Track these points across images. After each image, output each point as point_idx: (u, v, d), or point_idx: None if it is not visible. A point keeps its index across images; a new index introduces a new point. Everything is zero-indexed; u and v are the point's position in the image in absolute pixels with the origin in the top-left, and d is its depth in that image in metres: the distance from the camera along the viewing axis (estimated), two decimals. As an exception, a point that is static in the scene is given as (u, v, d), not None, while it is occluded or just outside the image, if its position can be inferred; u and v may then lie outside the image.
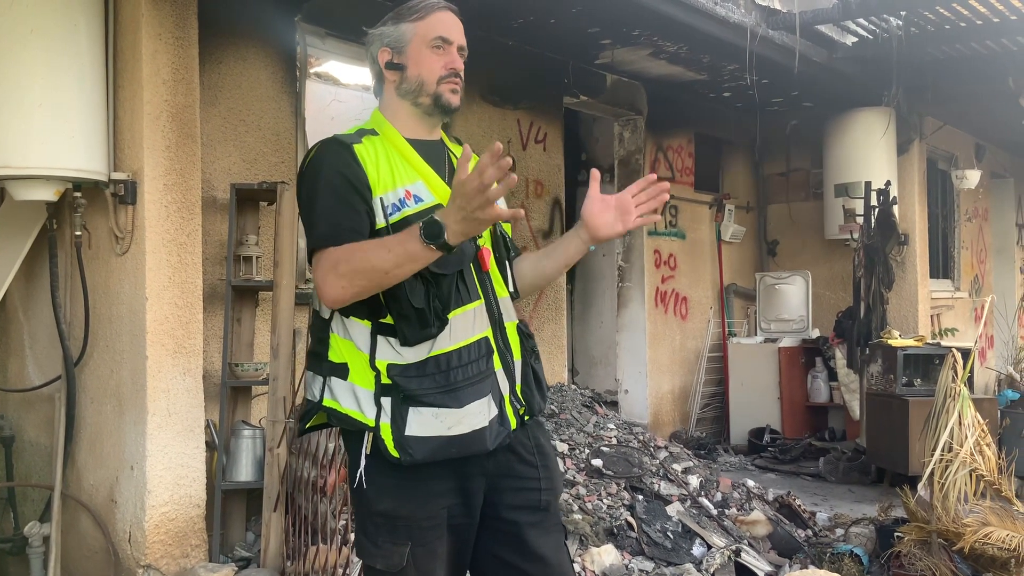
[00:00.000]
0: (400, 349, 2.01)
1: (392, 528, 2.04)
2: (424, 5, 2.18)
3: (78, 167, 3.75)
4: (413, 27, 2.15)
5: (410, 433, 1.98)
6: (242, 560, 4.19)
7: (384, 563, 2.05)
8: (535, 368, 2.21)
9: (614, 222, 2.17)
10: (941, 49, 6.75)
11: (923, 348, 6.37)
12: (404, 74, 2.15)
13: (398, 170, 2.08)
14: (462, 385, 2.02)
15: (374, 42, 2.21)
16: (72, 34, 3.73)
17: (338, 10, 5.12)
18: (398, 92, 2.17)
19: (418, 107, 2.16)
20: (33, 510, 4.36)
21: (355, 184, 2.02)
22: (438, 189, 2.09)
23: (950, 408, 4.09)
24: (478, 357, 2.06)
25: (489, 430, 2.05)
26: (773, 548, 4.71)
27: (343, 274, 1.93)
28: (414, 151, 2.12)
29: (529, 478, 2.17)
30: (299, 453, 4.06)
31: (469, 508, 2.11)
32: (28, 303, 4.42)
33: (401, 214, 2.03)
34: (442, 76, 2.14)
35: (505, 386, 2.11)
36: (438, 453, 2.00)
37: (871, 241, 7.02)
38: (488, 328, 2.10)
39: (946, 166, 9.64)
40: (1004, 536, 3.83)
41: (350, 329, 2.06)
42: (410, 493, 2.04)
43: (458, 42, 2.19)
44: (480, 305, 2.09)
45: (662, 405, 7.71)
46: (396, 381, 2.00)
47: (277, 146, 4.85)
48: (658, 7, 5.33)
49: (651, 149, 7.66)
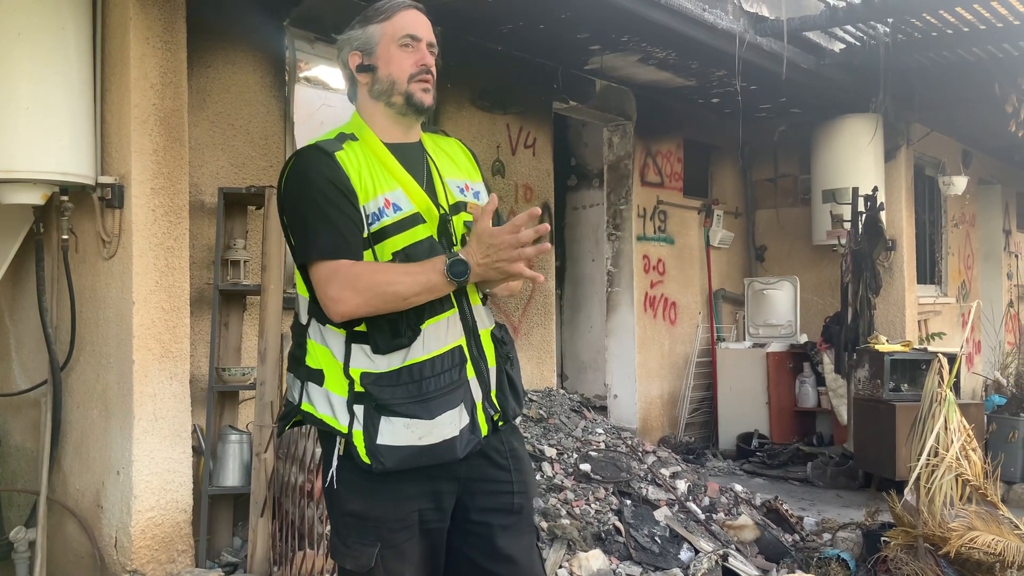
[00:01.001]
0: (373, 357, 2.03)
1: (362, 528, 2.06)
2: (389, 6, 2.18)
3: (65, 171, 3.74)
4: (380, 28, 2.16)
5: (381, 442, 2.00)
6: (229, 565, 4.18)
7: (353, 563, 2.07)
8: (510, 374, 2.22)
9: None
10: (928, 56, 6.79)
11: (910, 353, 6.40)
12: (375, 75, 2.15)
13: (378, 177, 2.08)
14: (434, 396, 2.04)
15: (344, 47, 2.22)
16: (60, 37, 3.72)
17: (327, 15, 5.12)
18: (371, 94, 2.17)
19: (391, 107, 2.16)
20: (19, 515, 4.33)
21: (346, 193, 2.02)
22: (416, 196, 2.09)
23: (936, 413, 4.11)
24: (451, 367, 2.07)
25: (459, 439, 2.07)
26: (760, 553, 4.72)
27: (361, 291, 1.96)
28: (392, 157, 2.12)
29: (502, 481, 2.18)
30: (286, 458, 4.05)
31: (441, 511, 2.13)
32: (14, 307, 4.40)
33: (380, 224, 2.03)
34: (413, 74, 2.14)
35: (478, 393, 2.13)
36: (409, 462, 2.02)
37: (858, 247, 7.05)
38: (462, 336, 2.11)
39: (933, 172, 9.69)
40: (990, 540, 3.85)
41: (326, 336, 2.07)
42: (380, 495, 2.05)
43: (427, 39, 2.18)
44: (454, 314, 2.10)
45: (651, 410, 7.72)
46: (369, 390, 2.01)
47: (265, 150, 4.85)
48: (647, 13, 5.35)
49: (640, 154, 7.68)
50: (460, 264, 1.94)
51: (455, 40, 5.78)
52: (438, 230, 2.10)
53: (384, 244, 2.03)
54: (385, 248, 2.04)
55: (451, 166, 2.24)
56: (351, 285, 1.96)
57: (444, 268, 1.93)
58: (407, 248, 2.03)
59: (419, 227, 2.07)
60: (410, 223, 2.06)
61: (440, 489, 2.11)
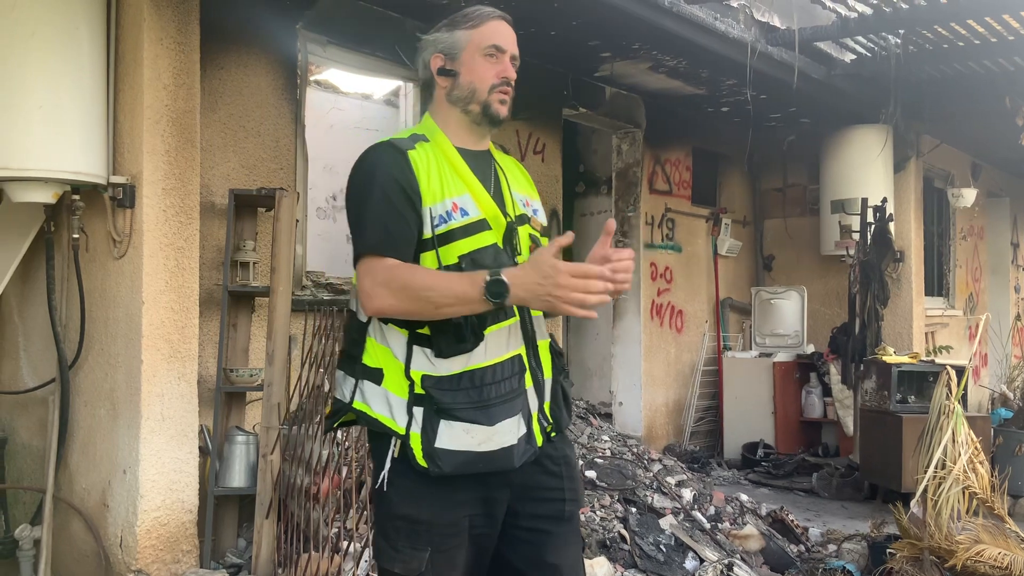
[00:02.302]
0: (435, 360, 2.02)
1: (413, 533, 2.05)
2: (479, 14, 2.19)
3: (77, 170, 3.75)
4: (467, 34, 2.16)
5: (440, 445, 1.99)
6: (233, 567, 4.18)
7: (403, 567, 2.05)
8: (563, 386, 2.23)
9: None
10: (939, 68, 6.78)
11: (917, 365, 6.38)
12: (456, 81, 2.16)
13: (447, 181, 2.08)
14: (495, 402, 2.03)
15: (427, 48, 2.21)
16: (73, 37, 3.74)
17: (339, 18, 5.13)
18: (448, 99, 2.17)
19: (467, 115, 2.17)
20: (24, 513, 4.34)
21: (408, 192, 2.02)
22: (484, 203, 2.10)
23: (944, 425, 4.10)
24: (511, 375, 2.07)
25: (517, 448, 2.06)
26: (766, 563, 4.71)
27: (395, 291, 1.95)
28: (463, 162, 2.13)
29: (554, 488, 2.18)
30: (292, 460, 4.06)
31: (491, 518, 2.12)
32: (24, 305, 4.41)
33: (447, 227, 2.03)
34: (494, 84, 2.15)
35: (534, 404, 2.13)
36: (466, 467, 2.01)
37: (867, 258, 7.04)
38: (522, 346, 2.11)
39: (942, 184, 9.68)
40: (996, 554, 3.83)
41: (388, 336, 2.06)
42: (433, 500, 2.04)
43: (511, 51, 2.20)
44: (515, 323, 2.10)
45: (656, 418, 7.71)
46: (430, 393, 2.00)
47: (276, 153, 4.86)
48: (658, 21, 5.35)
49: (649, 162, 7.68)
50: (499, 285, 1.90)
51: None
52: (503, 238, 2.10)
53: (450, 247, 2.03)
54: (451, 251, 2.03)
55: (515, 179, 2.27)
56: (386, 283, 1.96)
57: (483, 285, 1.90)
58: (472, 253, 2.03)
59: (485, 233, 2.07)
60: (476, 228, 2.06)
61: (493, 496, 2.10)
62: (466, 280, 1.94)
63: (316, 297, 4.94)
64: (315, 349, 4.09)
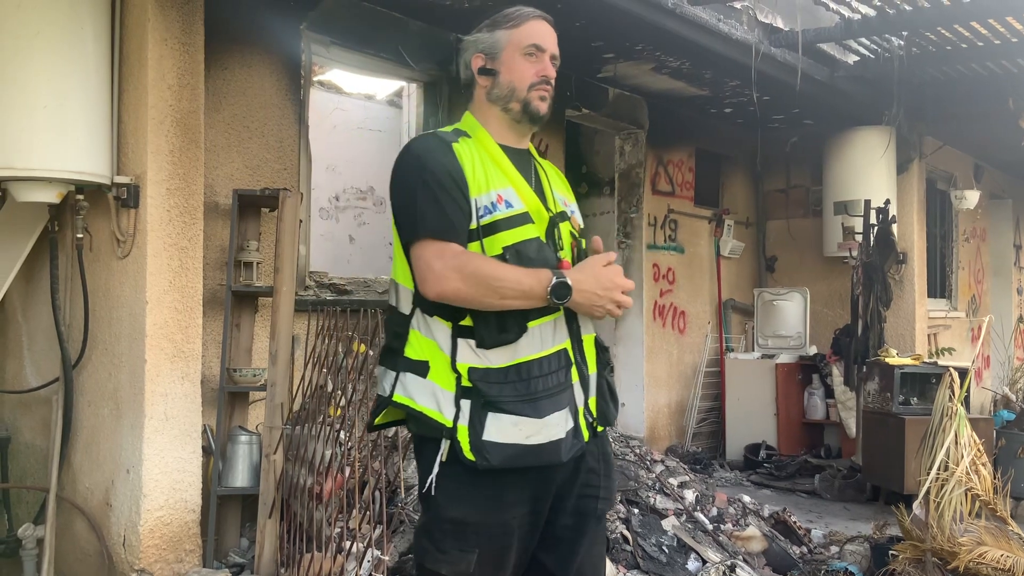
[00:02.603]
0: (479, 352, 2.03)
1: (461, 534, 2.05)
2: (519, 14, 2.22)
3: (81, 170, 3.76)
4: (508, 34, 2.20)
5: (488, 438, 2.00)
6: (236, 566, 4.19)
7: (450, 569, 2.05)
8: (609, 381, 2.25)
9: None
10: (942, 70, 6.78)
11: (920, 367, 6.38)
12: (496, 79, 2.19)
13: (491, 173, 2.11)
14: (543, 395, 2.05)
15: (468, 48, 2.25)
16: (78, 37, 3.74)
17: (343, 19, 5.14)
18: (489, 97, 2.21)
19: (507, 112, 2.20)
20: (28, 512, 4.35)
21: (458, 182, 2.05)
22: (527, 196, 2.13)
23: (946, 427, 4.10)
24: (558, 368, 2.09)
25: (565, 442, 2.07)
26: (768, 564, 4.71)
27: (466, 276, 1.97)
28: (505, 156, 2.16)
29: (593, 486, 2.20)
30: (295, 460, 4.06)
31: (537, 516, 2.13)
32: (28, 304, 4.42)
33: (492, 217, 2.06)
34: (533, 83, 2.19)
35: (580, 398, 2.14)
36: (514, 461, 2.02)
37: (870, 259, 7.04)
38: (567, 340, 2.13)
39: (945, 186, 9.67)
40: (999, 556, 3.83)
41: (432, 328, 2.07)
42: (483, 501, 2.05)
43: (551, 50, 2.23)
44: (560, 317, 2.11)
45: (659, 419, 7.71)
46: (477, 385, 2.01)
47: (280, 153, 4.87)
48: (662, 23, 5.36)
49: (652, 163, 7.68)
50: (565, 287, 1.99)
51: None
52: (546, 232, 2.13)
53: (494, 238, 2.05)
54: (495, 242, 2.05)
55: (554, 180, 2.31)
56: (458, 267, 1.98)
57: (548, 285, 1.98)
58: (517, 245, 2.06)
59: (528, 226, 2.10)
60: (520, 221, 2.09)
61: (539, 495, 2.11)
62: (532, 277, 1.99)
63: (319, 297, 4.94)
64: (318, 349, 4.10)
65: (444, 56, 5.67)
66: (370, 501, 3.54)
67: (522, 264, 2.02)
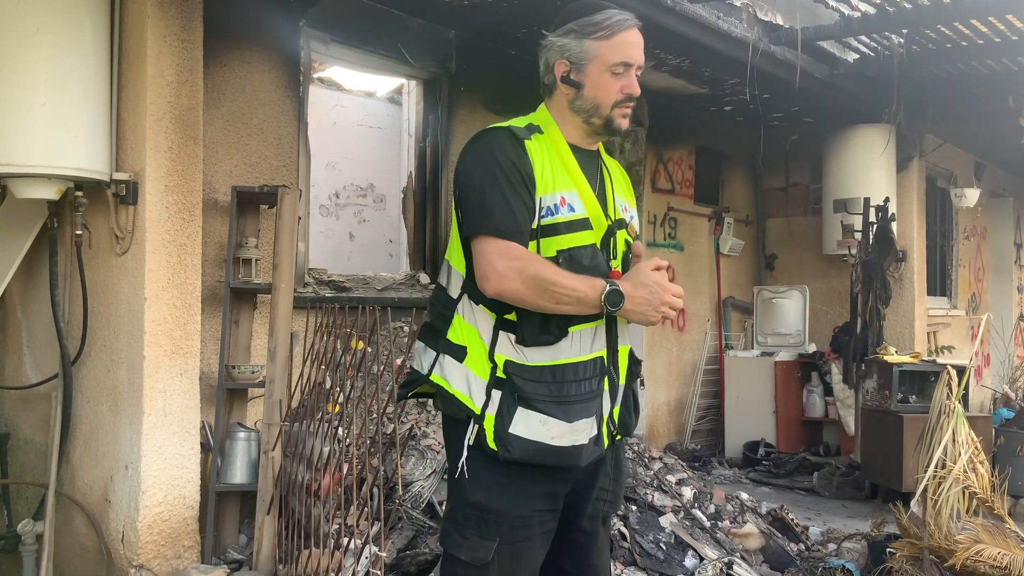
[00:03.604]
0: (518, 348, 2.05)
1: (483, 521, 2.08)
2: (611, 23, 2.14)
3: (80, 166, 3.76)
4: (597, 46, 2.13)
5: (513, 431, 2.03)
6: (234, 563, 4.19)
7: (469, 555, 2.08)
8: (635, 392, 2.27)
9: None
10: (942, 67, 6.77)
11: (919, 365, 6.38)
12: (580, 93, 2.15)
13: (558, 174, 2.11)
14: (574, 400, 2.07)
15: (552, 51, 2.19)
16: (77, 34, 3.74)
17: (342, 16, 5.14)
18: (571, 107, 2.18)
19: (588, 125, 2.18)
20: (27, 508, 4.35)
21: (526, 180, 2.05)
22: (589, 202, 2.12)
23: (944, 425, 4.10)
24: (592, 375, 2.11)
25: (586, 448, 2.10)
26: (765, 561, 4.71)
27: (526, 280, 1.99)
28: (574, 159, 2.15)
29: (605, 490, 2.23)
30: (294, 456, 4.07)
31: (555, 513, 2.15)
32: (27, 301, 4.43)
33: (553, 219, 2.07)
34: (618, 100, 2.15)
35: (606, 407, 2.16)
36: (535, 457, 2.04)
37: (869, 257, 7.04)
38: (604, 348, 2.14)
39: (945, 184, 9.67)
40: (996, 554, 3.83)
41: (477, 316, 2.09)
42: (505, 490, 2.07)
43: (638, 62, 2.18)
44: (601, 325, 2.13)
45: (658, 416, 7.71)
46: (512, 378, 2.04)
47: (279, 150, 4.87)
48: (661, 20, 5.35)
49: (651, 161, 7.68)
50: (618, 295, 2.01)
51: (469, 44, 5.80)
52: (602, 240, 2.13)
53: (551, 240, 2.06)
54: (552, 244, 2.06)
55: (618, 184, 2.29)
56: (520, 269, 1.99)
57: (603, 292, 2.00)
58: (572, 249, 2.07)
59: (586, 232, 2.10)
60: (580, 226, 2.09)
61: (558, 492, 2.14)
62: (588, 284, 2.01)
63: (318, 294, 4.95)
64: (317, 346, 4.10)
65: (444, 53, 5.67)
66: (368, 498, 3.54)
67: (574, 269, 2.04)
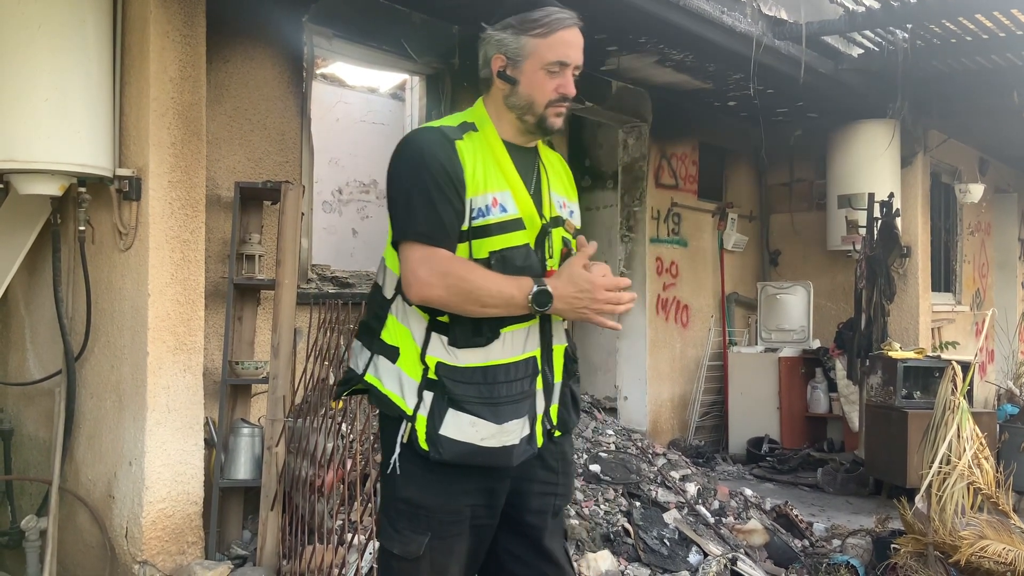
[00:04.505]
0: (450, 349, 2.05)
1: (414, 516, 2.08)
2: (549, 20, 2.12)
3: (83, 162, 3.76)
4: (534, 43, 2.11)
5: (444, 432, 2.03)
6: (238, 558, 4.19)
7: (401, 549, 2.09)
8: (573, 390, 2.26)
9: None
10: (947, 63, 6.75)
11: (923, 361, 6.37)
12: (515, 88, 2.14)
13: (490, 174, 2.09)
14: (504, 401, 2.06)
15: (490, 44, 2.18)
16: (80, 30, 3.74)
17: (346, 12, 5.13)
18: (505, 103, 2.16)
19: (522, 123, 2.16)
20: (31, 504, 4.36)
21: (456, 183, 2.03)
22: (522, 201, 2.11)
23: (949, 421, 4.09)
24: (524, 376, 2.10)
25: (517, 448, 2.09)
26: (769, 558, 4.71)
27: (449, 287, 1.98)
28: (509, 158, 2.13)
29: (550, 483, 2.22)
30: (297, 452, 4.07)
31: (492, 509, 2.15)
32: (30, 297, 4.43)
33: (484, 220, 2.05)
34: (552, 100, 2.13)
35: (541, 406, 2.15)
36: (465, 458, 2.04)
37: (873, 253, 7.02)
38: (538, 348, 2.14)
39: (949, 180, 9.65)
40: (1000, 550, 3.83)
41: (409, 317, 2.08)
42: (436, 487, 2.07)
43: (575, 62, 2.15)
44: (534, 325, 2.12)
45: (661, 412, 7.71)
46: (443, 380, 2.03)
47: (282, 146, 4.86)
48: (665, 15, 5.34)
49: (655, 156, 7.66)
50: (546, 295, 1.99)
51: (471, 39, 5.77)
52: (536, 239, 2.11)
53: (483, 241, 2.05)
54: (483, 245, 2.05)
55: (556, 180, 2.27)
56: (442, 276, 1.98)
57: (530, 293, 1.98)
58: (504, 250, 2.05)
59: (519, 232, 2.09)
60: (512, 227, 2.08)
61: (494, 488, 2.13)
62: (514, 285, 1.99)
63: (321, 290, 4.95)
64: (320, 342, 4.10)
65: (447, 49, 5.66)
66: (372, 493, 3.54)
67: (507, 271, 2.02)
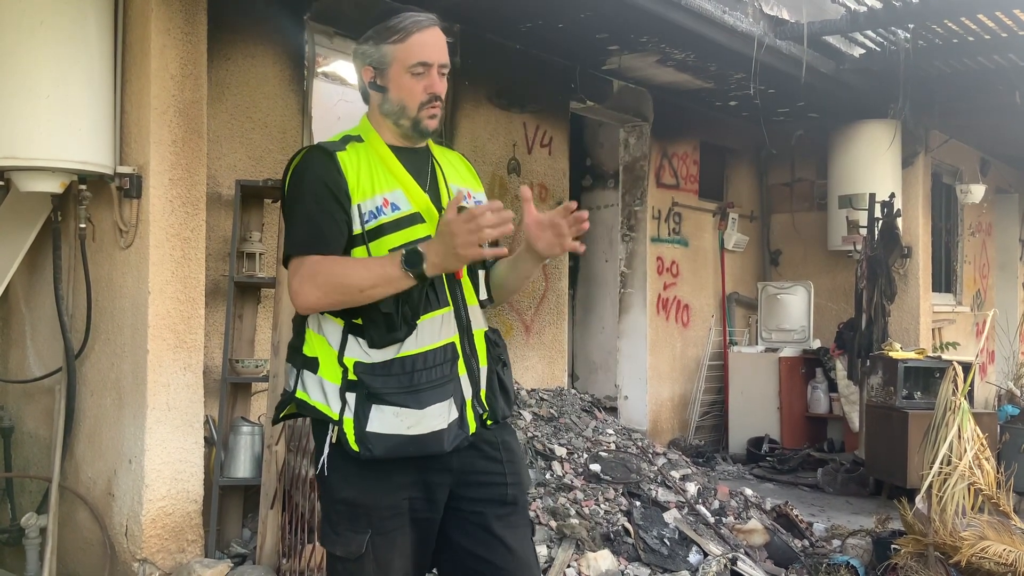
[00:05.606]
0: (368, 350, 2.08)
1: (353, 516, 2.11)
2: (403, 26, 2.16)
3: (84, 160, 3.76)
4: (393, 50, 2.16)
5: (371, 429, 2.05)
6: (238, 556, 4.19)
7: (343, 550, 2.11)
8: (500, 375, 2.26)
9: (553, 243, 2.14)
10: (948, 63, 6.75)
11: (924, 361, 6.37)
12: (386, 96, 2.19)
13: (378, 177, 2.12)
14: (424, 387, 2.08)
15: (358, 57, 2.24)
16: (81, 27, 3.74)
17: (347, 9, 5.13)
18: (380, 111, 2.21)
19: (398, 127, 2.20)
20: (31, 501, 4.36)
21: (335, 193, 2.07)
22: (416, 197, 2.14)
23: (950, 421, 4.09)
24: (443, 361, 2.12)
25: (447, 432, 2.11)
26: (769, 558, 4.71)
27: (320, 285, 2.02)
28: (396, 159, 2.17)
29: (494, 473, 2.22)
30: (297, 450, 4.06)
31: (432, 502, 2.16)
32: (31, 295, 4.43)
33: (377, 221, 2.09)
34: (423, 102, 2.17)
35: (468, 391, 2.17)
36: (396, 451, 2.06)
37: (874, 253, 7.02)
38: (455, 334, 2.16)
39: (951, 180, 9.64)
40: (1001, 551, 3.82)
41: (323, 325, 2.13)
42: (371, 483, 2.10)
43: (438, 62, 2.18)
44: (449, 312, 2.15)
45: (661, 412, 7.71)
46: (362, 379, 2.06)
47: (283, 144, 4.86)
48: (667, 14, 5.34)
49: (656, 156, 7.66)
50: (414, 254, 1.97)
51: (473, 38, 5.78)
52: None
53: (380, 241, 2.08)
54: (382, 245, 2.08)
55: (454, 172, 2.30)
56: (311, 278, 2.03)
57: (400, 259, 1.97)
58: (406, 246, 2.06)
59: (418, 226, 2.11)
60: (408, 222, 2.10)
61: (431, 480, 2.15)
62: (386, 259, 2.01)
63: (322, 289, 4.94)
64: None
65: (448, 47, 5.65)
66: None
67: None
